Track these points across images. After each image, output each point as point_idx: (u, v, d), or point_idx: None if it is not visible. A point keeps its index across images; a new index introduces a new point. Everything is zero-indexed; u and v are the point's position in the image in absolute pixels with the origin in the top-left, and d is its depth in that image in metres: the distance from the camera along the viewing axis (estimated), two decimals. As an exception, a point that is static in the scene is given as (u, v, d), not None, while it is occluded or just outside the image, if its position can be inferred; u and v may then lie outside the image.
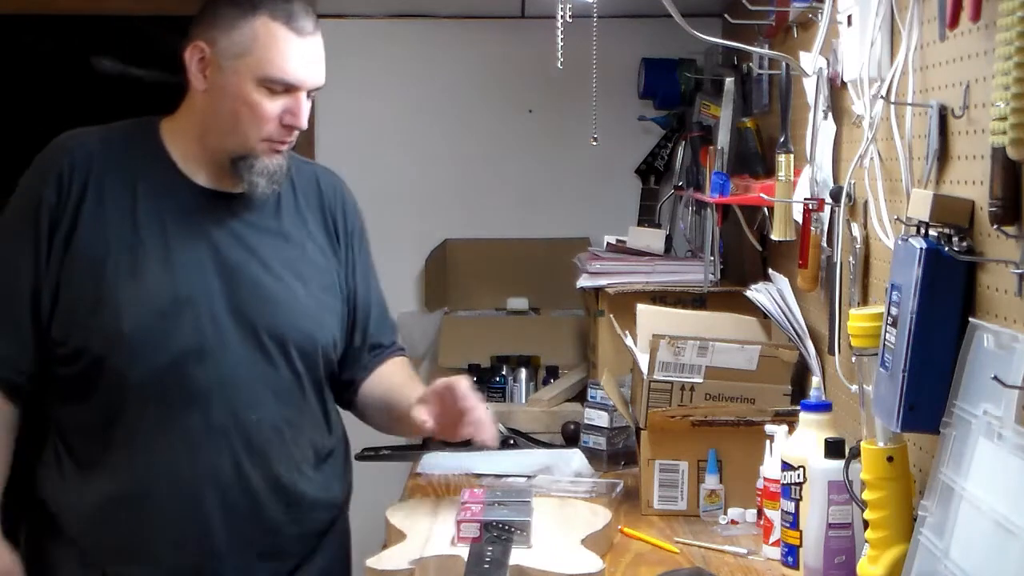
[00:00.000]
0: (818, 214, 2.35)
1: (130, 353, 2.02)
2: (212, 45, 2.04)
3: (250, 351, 2.08)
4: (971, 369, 1.53)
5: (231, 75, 2.03)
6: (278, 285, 2.12)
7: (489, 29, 3.95)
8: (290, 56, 2.03)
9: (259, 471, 2.09)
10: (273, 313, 2.10)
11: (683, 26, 2.24)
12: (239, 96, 2.03)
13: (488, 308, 3.79)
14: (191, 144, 2.10)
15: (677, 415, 2.40)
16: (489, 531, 2.01)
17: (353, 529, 2.39)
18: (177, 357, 2.03)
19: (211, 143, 2.08)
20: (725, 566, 2.13)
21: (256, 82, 2.02)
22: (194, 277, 2.06)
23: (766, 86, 2.97)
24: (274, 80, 2.02)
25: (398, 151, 3.99)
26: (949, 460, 1.55)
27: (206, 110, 2.07)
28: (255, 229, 2.14)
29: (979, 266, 1.61)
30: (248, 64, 2.02)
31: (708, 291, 3.03)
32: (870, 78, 2.02)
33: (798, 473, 2.03)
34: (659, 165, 3.80)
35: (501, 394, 3.39)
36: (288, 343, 2.11)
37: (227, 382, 2.06)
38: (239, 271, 2.09)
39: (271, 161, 2.07)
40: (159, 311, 2.03)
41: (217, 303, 2.06)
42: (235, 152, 2.06)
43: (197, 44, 2.05)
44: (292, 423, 2.13)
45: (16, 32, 4.51)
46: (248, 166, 2.06)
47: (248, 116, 2.03)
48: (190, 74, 2.07)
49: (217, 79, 2.04)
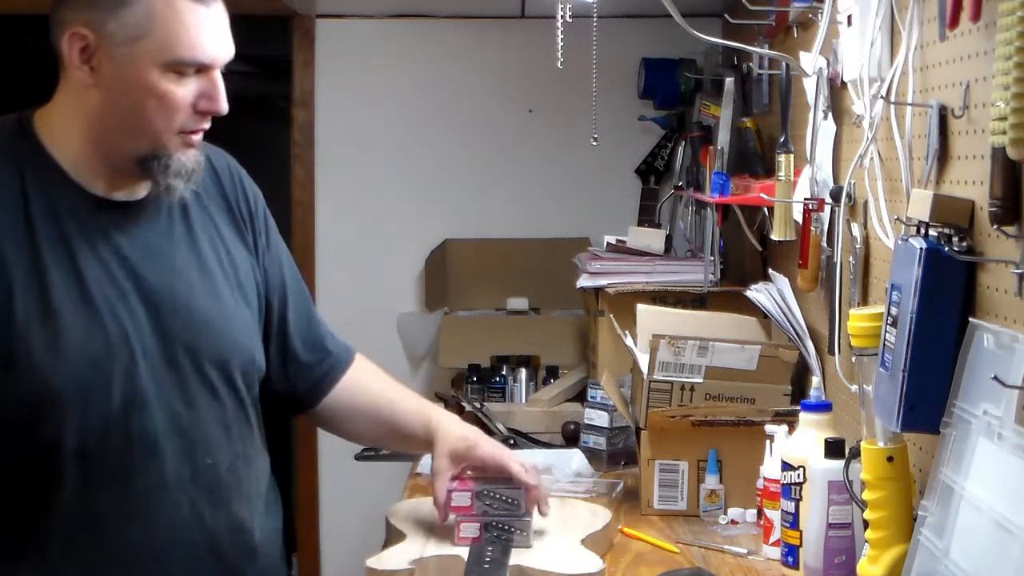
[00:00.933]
0: (818, 214, 2.35)
1: (63, 416, 1.67)
2: (97, 31, 1.66)
3: (194, 387, 1.78)
4: (971, 369, 1.53)
5: (128, 63, 1.66)
6: (208, 303, 1.81)
7: (489, 29, 3.95)
8: (198, 30, 1.68)
9: (221, 519, 1.81)
10: (211, 338, 1.80)
11: (683, 26, 2.24)
12: (143, 86, 1.67)
13: (488, 308, 3.79)
14: (81, 147, 1.72)
15: (677, 415, 2.40)
16: (489, 531, 2.00)
17: (353, 529, 2.39)
18: (119, 410, 1.70)
19: (109, 145, 1.72)
20: (725, 566, 2.13)
21: (162, 67, 1.67)
22: (119, 311, 1.71)
23: (766, 86, 2.97)
24: (184, 62, 1.68)
25: (398, 151, 3.99)
26: (949, 460, 1.55)
27: (99, 108, 1.70)
28: (168, 239, 1.80)
29: (979, 266, 1.61)
30: (149, 47, 1.66)
31: (708, 291, 3.03)
32: (870, 78, 2.02)
33: (798, 473, 2.03)
34: (659, 165, 3.80)
35: (501, 394, 3.40)
36: (232, 369, 1.83)
37: (177, 428, 1.75)
38: (165, 293, 1.76)
39: (187, 157, 1.73)
40: (90, 360, 1.68)
41: (148, 337, 1.73)
42: (142, 152, 1.71)
43: (76, 31, 1.66)
44: (245, 457, 1.86)
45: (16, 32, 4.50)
46: (162, 167, 1.72)
47: (156, 109, 1.68)
48: (70, 67, 1.69)
49: (110, 70, 1.67)
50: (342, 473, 3.87)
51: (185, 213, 1.83)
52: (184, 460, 1.76)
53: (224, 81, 1.74)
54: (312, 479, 4.04)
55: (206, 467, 1.79)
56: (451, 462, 2.04)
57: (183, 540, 1.77)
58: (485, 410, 3.11)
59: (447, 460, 2.04)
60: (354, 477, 3.69)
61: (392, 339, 3.97)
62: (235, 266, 1.88)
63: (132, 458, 1.72)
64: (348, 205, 4.01)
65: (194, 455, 1.77)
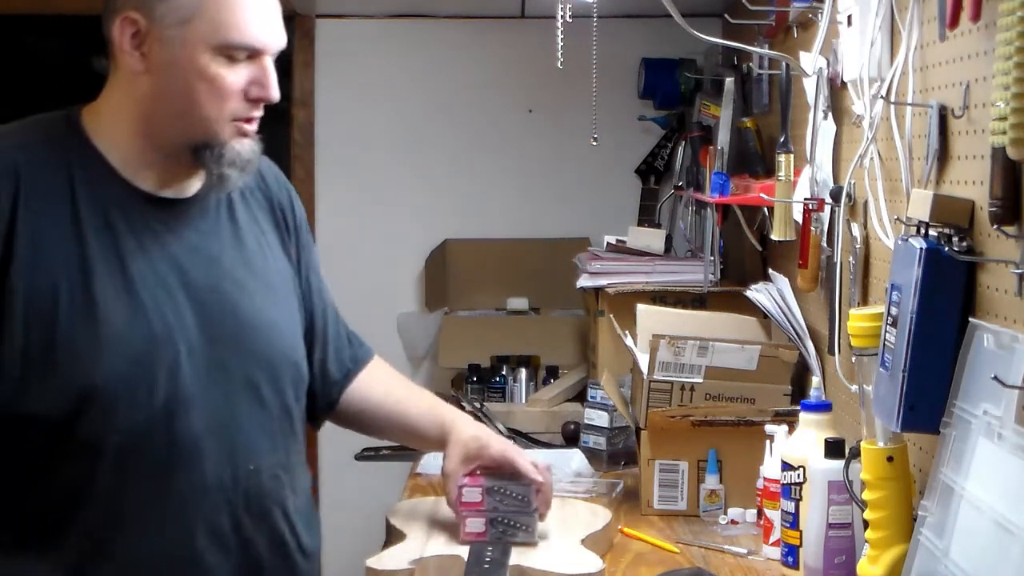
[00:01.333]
0: (818, 214, 2.35)
1: (104, 411, 1.64)
2: (147, 15, 1.65)
3: (239, 391, 1.75)
4: (971, 369, 1.53)
5: (179, 47, 1.65)
6: (254, 306, 1.79)
7: (489, 29, 3.95)
8: (249, 14, 1.67)
9: (261, 530, 1.78)
10: (259, 343, 1.78)
11: (683, 26, 2.24)
12: (193, 70, 1.65)
13: (488, 308, 3.79)
14: (131, 140, 1.71)
15: (677, 415, 2.40)
16: (495, 527, 2.01)
17: (353, 529, 2.39)
18: (161, 409, 1.67)
19: (162, 134, 1.70)
20: (725, 566, 2.13)
21: (213, 50, 1.65)
22: (165, 308, 1.70)
23: (766, 86, 2.97)
24: (235, 45, 1.66)
25: (398, 151, 3.99)
26: (949, 460, 1.55)
27: (150, 95, 1.68)
28: (216, 238, 1.79)
29: (979, 266, 1.61)
30: (200, 30, 1.65)
31: (708, 291, 3.03)
32: (870, 78, 2.02)
33: (798, 473, 2.03)
34: (659, 165, 3.80)
35: (501, 394, 3.40)
36: (280, 376, 1.81)
37: (220, 431, 1.72)
38: (211, 293, 1.74)
39: (242, 146, 1.72)
40: (134, 356, 1.66)
41: (195, 337, 1.71)
42: (196, 140, 1.69)
43: (127, 16, 1.66)
44: (287, 467, 1.83)
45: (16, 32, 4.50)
46: (216, 156, 1.70)
47: (208, 93, 1.67)
48: (122, 54, 1.68)
49: (160, 55, 1.66)
50: (342, 473, 3.87)
51: (232, 214, 1.82)
52: (225, 464, 1.73)
53: None
54: (312, 479, 4.03)
55: (248, 473, 1.75)
56: (463, 463, 2.02)
57: (221, 546, 1.74)
58: (485, 410, 3.11)
59: (459, 461, 2.02)
60: (354, 477, 3.69)
61: (392, 339, 3.96)
62: (279, 272, 1.87)
63: (172, 459, 1.69)
64: (348, 205, 4.01)
65: (236, 460, 1.74)
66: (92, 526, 1.67)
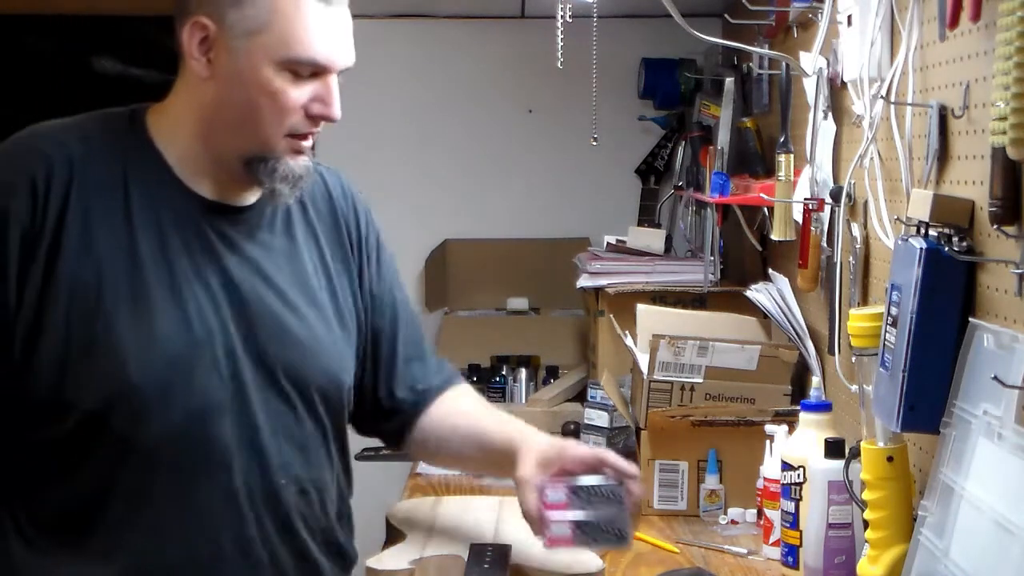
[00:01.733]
0: (818, 214, 2.35)
1: (138, 410, 1.63)
2: (218, 21, 1.63)
3: (274, 403, 1.72)
4: (971, 369, 1.53)
5: (244, 57, 1.63)
6: (298, 319, 1.76)
7: (489, 29, 3.95)
8: (319, 30, 1.65)
9: (288, 546, 1.75)
10: (295, 354, 1.75)
11: (683, 26, 2.24)
12: (256, 83, 1.64)
13: (488, 308, 3.79)
14: (190, 144, 1.70)
15: (677, 415, 2.40)
16: (583, 530, 1.80)
17: (353, 529, 2.39)
18: (195, 413, 1.66)
19: (219, 143, 1.69)
20: (725, 566, 2.13)
21: (278, 65, 1.64)
22: (208, 313, 1.68)
23: (766, 86, 2.97)
24: (300, 61, 1.65)
25: (398, 151, 3.99)
26: (949, 460, 1.55)
27: (212, 102, 1.67)
28: (267, 250, 1.76)
29: (979, 266, 1.61)
30: (266, 43, 1.63)
31: (708, 291, 3.03)
32: (870, 78, 2.02)
33: (798, 473, 2.03)
34: (659, 165, 3.80)
35: (501, 394, 3.39)
36: (311, 389, 1.76)
37: (252, 441, 1.70)
38: (255, 304, 1.72)
39: (296, 163, 1.70)
40: (172, 357, 1.64)
41: (236, 345, 1.69)
42: (250, 153, 1.68)
43: (198, 20, 1.64)
44: (319, 485, 1.79)
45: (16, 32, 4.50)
46: (269, 170, 1.68)
47: (269, 107, 1.65)
48: (189, 58, 1.66)
49: (226, 63, 1.64)
50: (342, 473, 3.87)
51: (289, 226, 1.80)
52: (255, 475, 1.70)
53: None
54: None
55: (279, 487, 1.72)
56: (539, 467, 1.85)
57: (246, 556, 1.71)
58: (485, 410, 3.11)
59: (534, 466, 1.85)
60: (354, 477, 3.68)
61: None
62: (334, 288, 1.83)
63: (201, 464, 1.67)
64: (348, 205, 4.00)
65: (266, 472, 1.71)
66: (116, 524, 1.65)
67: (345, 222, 1.89)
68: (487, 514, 2.23)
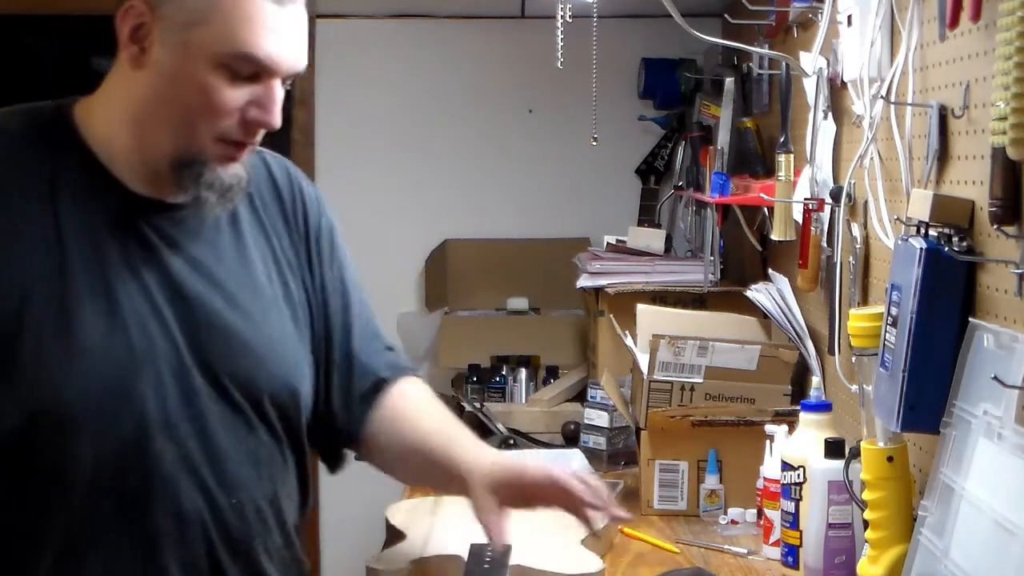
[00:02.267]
0: (818, 214, 2.35)
1: (73, 436, 1.46)
2: (154, 8, 1.48)
3: (225, 416, 1.58)
4: (971, 369, 1.53)
5: (179, 50, 1.48)
6: (248, 323, 1.61)
7: (489, 29, 3.95)
8: (264, 28, 1.48)
9: (240, 566, 1.60)
10: (246, 362, 1.60)
11: (683, 26, 2.24)
12: (190, 79, 1.48)
13: (488, 308, 3.79)
14: (122, 137, 1.54)
15: (677, 415, 2.40)
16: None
17: (353, 529, 2.39)
18: (136, 434, 1.49)
19: (148, 141, 1.53)
20: (725, 566, 2.13)
21: (215, 61, 1.48)
22: (149, 322, 1.52)
23: (766, 86, 2.97)
24: (240, 57, 1.48)
25: (398, 151, 3.99)
26: (949, 460, 1.55)
27: (143, 97, 1.52)
28: (213, 248, 1.61)
29: (979, 266, 1.61)
30: (205, 36, 1.47)
31: (708, 291, 3.03)
32: (870, 78, 2.02)
33: (798, 473, 2.03)
34: (659, 165, 3.80)
35: (501, 394, 3.40)
36: (264, 398, 1.62)
37: (200, 460, 1.55)
38: (201, 309, 1.57)
39: (226, 172, 1.53)
40: (106, 375, 1.48)
41: (183, 356, 1.54)
42: (178, 155, 1.52)
43: (133, 6, 1.49)
44: (273, 501, 1.65)
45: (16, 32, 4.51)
46: (194, 175, 1.52)
47: (200, 107, 1.49)
48: (121, 45, 1.51)
49: (160, 55, 1.49)
50: (342, 473, 3.86)
51: (235, 221, 1.64)
52: (206, 497, 1.56)
53: None
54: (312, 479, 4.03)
55: (230, 507, 1.58)
56: (493, 494, 1.77)
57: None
58: (485, 410, 3.11)
59: (488, 493, 1.77)
60: (354, 477, 3.66)
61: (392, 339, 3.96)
62: (287, 283, 1.69)
63: (148, 491, 1.52)
64: (348, 205, 4.00)
65: (217, 492, 1.57)
66: (58, 562, 1.50)
67: (292, 210, 1.74)
68: (487, 514, 2.22)
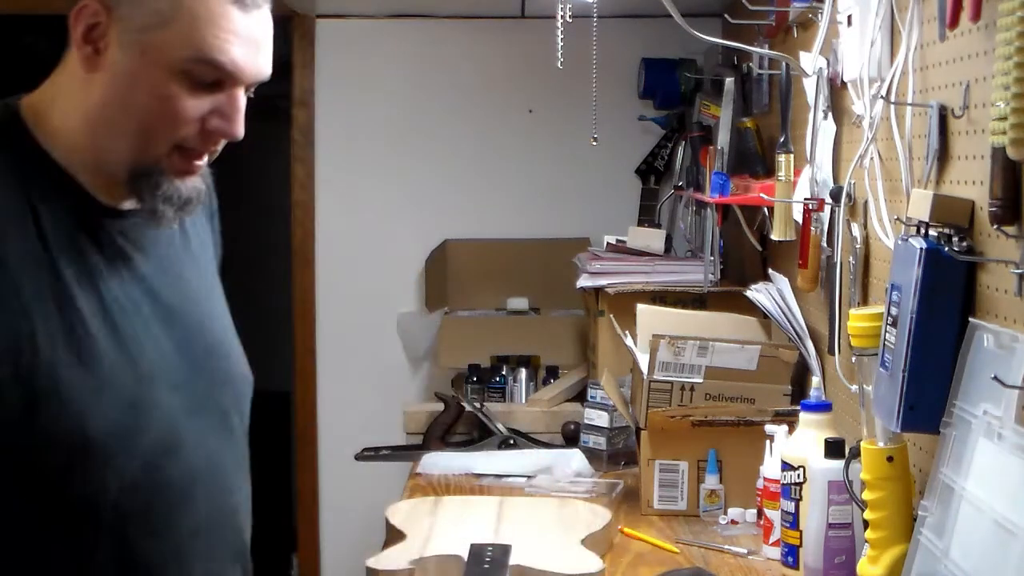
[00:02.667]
0: (818, 214, 2.35)
1: (98, 465, 1.41)
2: (110, 9, 1.40)
3: (216, 423, 1.56)
4: (971, 369, 1.53)
5: (137, 55, 1.40)
6: (216, 323, 1.59)
7: (489, 29, 3.95)
8: (227, 34, 1.41)
9: (240, 564, 1.61)
10: (224, 364, 1.58)
11: (683, 26, 2.24)
12: (148, 85, 1.40)
13: (488, 308, 3.79)
14: (78, 143, 1.45)
15: (677, 415, 2.40)
16: None
17: (353, 529, 2.39)
18: (150, 456, 1.45)
19: (103, 148, 1.44)
20: (725, 566, 2.13)
21: (175, 67, 1.40)
22: (144, 341, 1.47)
23: (766, 86, 2.97)
24: (201, 62, 1.40)
25: (398, 151, 3.99)
26: (949, 460, 1.55)
27: (98, 101, 1.43)
28: (175, 254, 1.57)
29: (979, 266, 1.61)
30: (165, 40, 1.39)
31: (708, 291, 3.03)
32: (870, 78, 2.02)
33: (798, 473, 2.03)
34: (659, 165, 3.80)
35: (501, 394, 3.40)
36: (240, 398, 1.61)
37: (208, 469, 1.53)
38: (182, 319, 1.53)
39: (183, 184, 1.46)
40: (126, 398, 1.43)
41: (176, 371, 1.50)
42: (135, 164, 1.44)
43: (86, 4, 1.40)
44: (248, 500, 1.63)
45: (16, 32, 4.51)
46: (151, 185, 1.44)
47: (159, 115, 1.42)
48: (75, 46, 1.42)
49: (116, 58, 1.41)
50: (342, 473, 3.87)
51: (182, 223, 1.56)
52: (213, 504, 1.54)
53: None
54: (312, 479, 4.04)
55: (231, 511, 1.58)
56: None
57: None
58: (485, 410, 3.11)
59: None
60: (354, 477, 3.69)
61: (392, 339, 3.97)
62: (215, 276, 1.66)
63: (169, 506, 1.48)
64: (348, 205, 4.01)
65: (222, 499, 1.56)
66: None
67: (211, 212, 1.70)
68: (487, 514, 2.23)
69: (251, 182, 4.53)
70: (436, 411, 3.10)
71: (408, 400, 3.73)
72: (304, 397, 4.02)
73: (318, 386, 4.01)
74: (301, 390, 4.02)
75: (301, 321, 4.01)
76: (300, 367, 4.02)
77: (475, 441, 3.05)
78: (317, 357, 4.00)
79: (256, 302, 4.28)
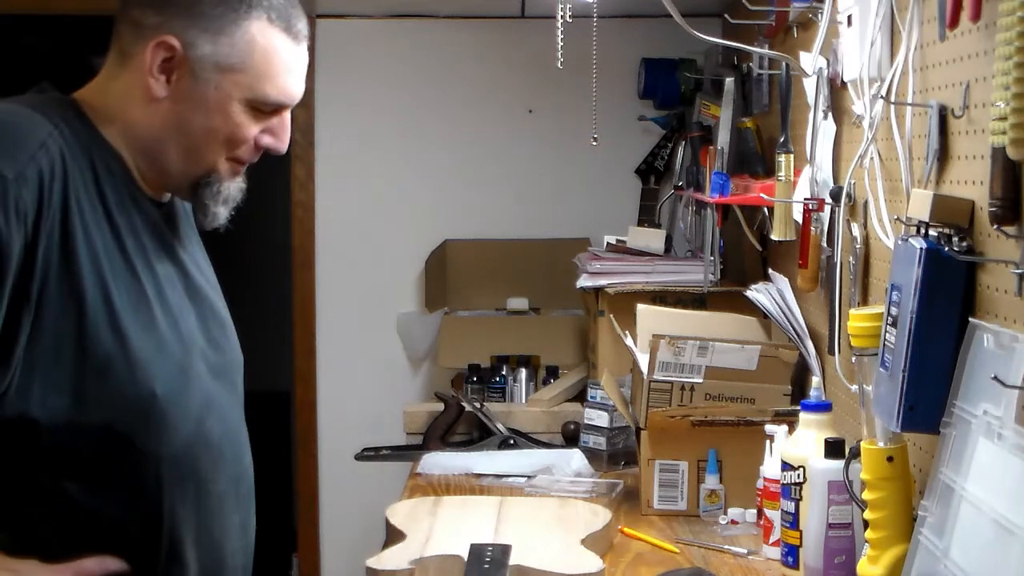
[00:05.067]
0: (818, 214, 2.35)
1: (160, 421, 1.58)
2: (187, 47, 1.59)
3: (229, 390, 1.74)
4: (971, 369, 1.53)
5: (213, 90, 1.61)
6: (221, 306, 1.79)
7: (489, 29, 3.95)
8: (289, 71, 1.65)
9: (251, 528, 1.79)
10: (231, 341, 1.78)
11: (683, 26, 2.24)
12: (221, 114, 1.62)
13: (488, 308, 3.79)
14: (135, 151, 1.64)
15: (677, 415, 2.40)
16: None
17: (353, 529, 2.39)
18: (198, 415, 1.64)
19: (164, 161, 1.64)
20: (725, 566, 2.13)
21: (246, 102, 1.63)
22: (186, 315, 1.67)
23: (766, 86, 2.97)
24: (269, 102, 1.64)
25: (398, 151, 3.99)
26: (949, 460, 1.55)
27: (165, 124, 1.62)
28: (191, 241, 1.77)
29: (979, 266, 1.61)
30: (239, 80, 1.61)
31: (708, 291, 3.03)
32: (870, 78, 2.02)
33: (798, 473, 2.03)
34: (659, 165, 3.80)
35: (501, 394, 3.40)
36: (240, 373, 1.79)
37: (230, 432, 1.72)
38: (205, 300, 1.73)
39: (233, 184, 1.69)
40: (178, 363, 1.62)
41: (201, 340, 1.69)
42: (197, 175, 1.66)
43: (164, 41, 1.59)
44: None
45: (16, 32, 4.51)
46: (212, 193, 1.67)
47: (225, 138, 1.64)
48: (147, 75, 1.60)
49: (190, 89, 1.61)
50: (342, 473, 3.87)
51: (187, 214, 1.78)
52: (238, 462, 1.73)
53: None
54: (312, 479, 4.04)
55: (245, 469, 1.76)
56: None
57: (238, 548, 1.74)
58: (485, 410, 3.11)
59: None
60: (354, 477, 3.69)
61: (392, 339, 3.97)
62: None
63: (211, 462, 1.67)
64: (348, 205, 4.01)
65: (241, 458, 1.75)
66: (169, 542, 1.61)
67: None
68: (487, 514, 2.23)
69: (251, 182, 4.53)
70: (436, 411, 3.11)
71: (408, 400, 3.73)
72: (304, 397, 4.02)
73: (318, 386, 4.01)
74: (301, 390, 4.02)
75: (301, 321, 4.01)
76: (300, 367, 4.02)
77: (475, 441, 3.05)
78: (317, 357, 4.00)
79: (256, 302, 4.29)
